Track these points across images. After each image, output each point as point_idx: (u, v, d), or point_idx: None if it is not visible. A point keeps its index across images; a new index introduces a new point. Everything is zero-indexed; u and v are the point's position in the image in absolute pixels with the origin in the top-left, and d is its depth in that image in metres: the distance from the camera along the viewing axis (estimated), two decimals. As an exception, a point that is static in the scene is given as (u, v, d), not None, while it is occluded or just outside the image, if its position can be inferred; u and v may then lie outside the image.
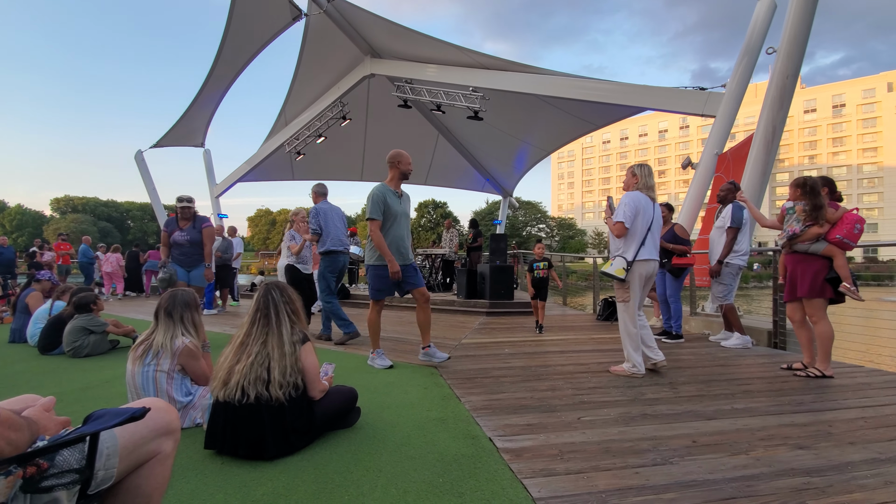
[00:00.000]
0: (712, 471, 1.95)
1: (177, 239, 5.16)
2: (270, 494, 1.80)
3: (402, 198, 4.00)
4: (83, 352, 4.51)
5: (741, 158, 6.32)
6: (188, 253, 5.22)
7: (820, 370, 3.55)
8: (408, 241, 4.03)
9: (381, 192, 3.86)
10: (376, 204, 3.81)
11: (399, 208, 3.93)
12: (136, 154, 12.88)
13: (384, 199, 3.83)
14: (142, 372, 2.37)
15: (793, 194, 3.76)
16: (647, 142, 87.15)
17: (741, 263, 4.89)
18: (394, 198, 3.90)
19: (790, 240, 3.72)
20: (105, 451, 0.94)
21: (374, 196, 3.83)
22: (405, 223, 4.00)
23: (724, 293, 4.93)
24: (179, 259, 5.20)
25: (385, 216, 3.84)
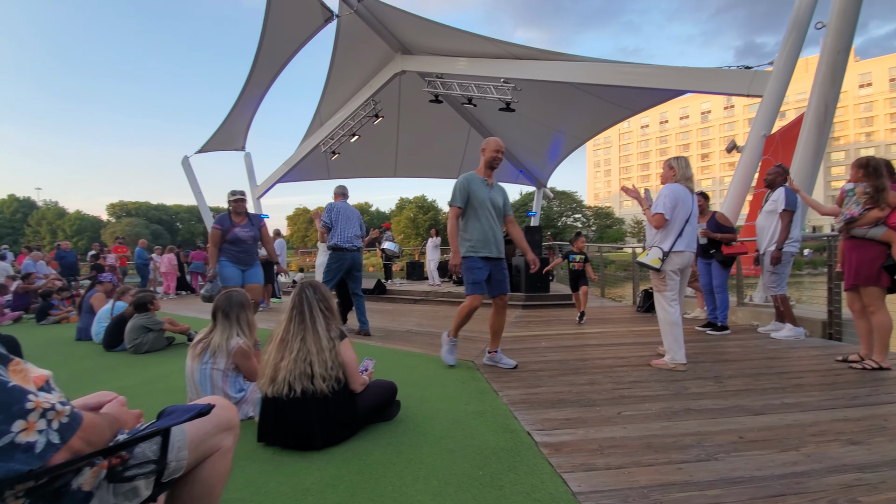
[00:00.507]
0: (760, 467, 1.90)
1: (239, 235, 4.84)
2: (319, 483, 1.90)
3: (491, 187, 3.74)
4: (143, 348, 4.84)
5: (791, 139, 5.97)
6: (248, 250, 4.96)
7: (877, 362, 3.37)
8: (499, 232, 3.73)
9: (465, 179, 3.68)
10: (457, 190, 3.64)
11: (485, 196, 3.66)
12: (183, 160, 13.55)
13: (466, 185, 3.63)
14: (200, 369, 2.54)
15: (854, 175, 3.57)
16: (689, 124, 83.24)
17: (793, 250, 4.64)
18: (480, 186, 3.67)
19: (847, 223, 3.51)
20: (176, 444, 1.04)
21: (456, 183, 3.67)
22: (495, 213, 3.71)
23: (777, 282, 4.70)
24: (238, 257, 4.89)
25: (470, 205, 3.64)
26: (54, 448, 0.82)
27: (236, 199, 4.97)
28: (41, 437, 0.80)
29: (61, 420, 0.84)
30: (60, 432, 0.83)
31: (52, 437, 0.82)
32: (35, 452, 0.79)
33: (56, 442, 0.82)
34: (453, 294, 8.92)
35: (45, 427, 0.81)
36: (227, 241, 4.82)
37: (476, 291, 3.64)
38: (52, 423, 0.82)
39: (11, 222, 56.62)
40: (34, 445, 0.79)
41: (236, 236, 4.84)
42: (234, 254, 4.86)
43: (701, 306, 6.17)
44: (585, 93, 9.99)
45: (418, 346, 4.69)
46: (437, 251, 11.45)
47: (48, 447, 0.81)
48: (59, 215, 57.98)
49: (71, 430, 0.85)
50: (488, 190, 3.70)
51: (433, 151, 15.21)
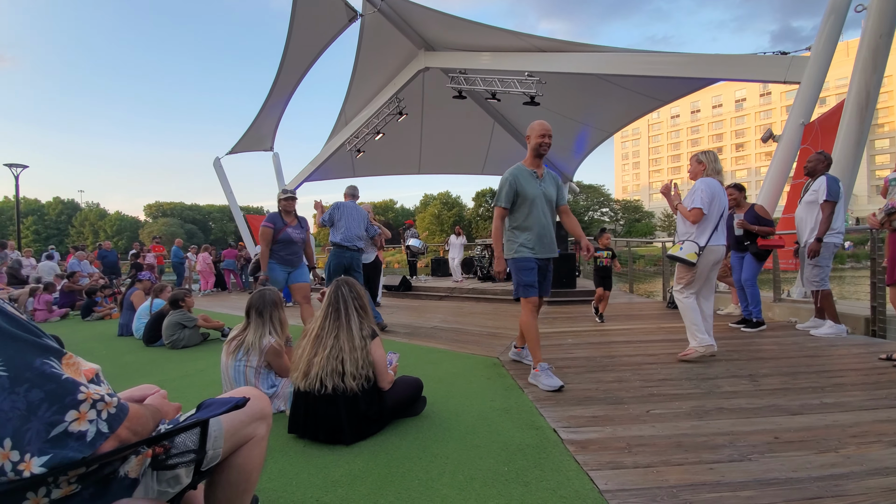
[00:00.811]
0: (796, 469, 1.84)
1: (292, 236, 4.62)
2: (348, 476, 1.95)
3: (541, 178, 3.34)
4: (180, 344, 5.05)
5: (832, 127, 5.68)
6: (297, 252, 4.76)
7: None
8: (551, 228, 3.38)
9: (510, 174, 3.30)
10: (503, 189, 3.29)
11: (536, 190, 3.28)
12: (215, 161, 13.96)
13: (514, 181, 3.26)
14: (234, 366, 2.64)
15: None
16: (723, 113, 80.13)
17: (836, 241, 4.42)
18: (529, 178, 3.29)
19: (889, 215, 3.35)
20: (213, 434, 1.10)
21: (502, 180, 3.32)
22: (547, 207, 3.34)
23: (821, 276, 4.47)
24: (287, 259, 4.67)
25: (519, 201, 3.27)
26: (103, 437, 0.87)
27: (287, 197, 4.71)
28: (91, 427, 0.85)
29: (109, 410, 0.89)
30: (109, 422, 0.88)
31: (102, 426, 0.87)
32: (86, 441, 0.84)
33: (105, 431, 0.88)
34: (478, 290, 8.93)
35: (94, 417, 0.86)
36: (277, 241, 4.58)
37: (529, 294, 3.32)
38: (102, 413, 0.88)
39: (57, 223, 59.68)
40: (85, 434, 0.84)
41: (289, 237, 4.62)
42: (282, 256, 4.64)
43: (735, 302, 5.97)
44: (612, 84, 9.77)
45: (444, 343, 4.72)
46: (462, 248, 11.45)
47: (98, 436, 0.86)
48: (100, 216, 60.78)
49: (118, 420, 0.90)
50: (539, 183, 3.32)
51: (457, 147, 15.19)
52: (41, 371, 0.82)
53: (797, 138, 5.93)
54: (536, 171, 3.35)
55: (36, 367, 0.82)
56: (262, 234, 4.56)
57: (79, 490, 0.92)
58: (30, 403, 0.79)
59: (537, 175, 3.34)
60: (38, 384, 0.81)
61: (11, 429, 0.77)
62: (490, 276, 10.54)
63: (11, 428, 0.77)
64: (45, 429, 0.80)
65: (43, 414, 0.80)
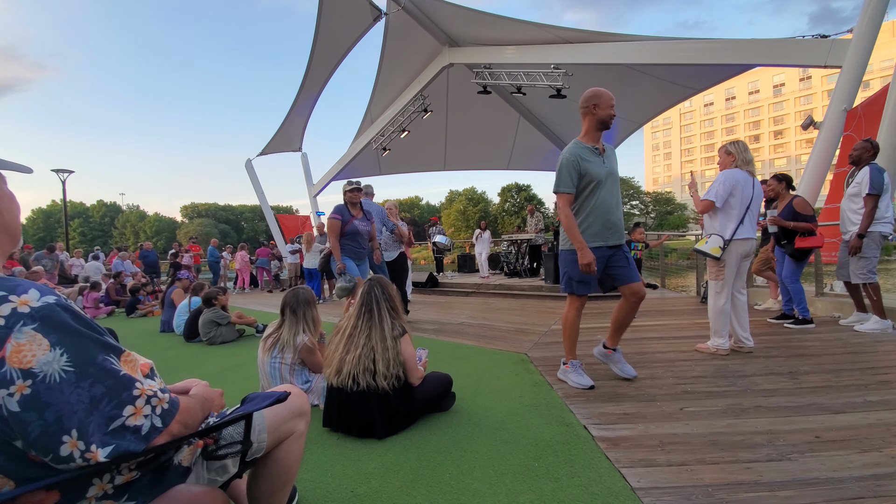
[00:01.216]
0: (837, 468, 1.78)
1: (359, 228, 4.54)
2: (380, 469, 2.00)
3: (604, 154, 2.92)
4: (217, 340, 5.26)
5: (876, 113, 5.38)
6: (364, 244, 4.67)
7: None
8: (618, 211, 2.95)
9: (570, 153, 2.86)
10: (564, 171, 2.87)
11: (601, 169, 2.86)
12: (246, 162, 14.39)
13: (576, 161, 2.84)
14: (269, 362, 2.75)
15: None
16: (760, 99, 76.63)
17: (884, 231, 4.18)
18: (592, 156, 2.87)
19: None
20: (257, 427, 1.18)
21: (561, 162, 2.90)
22: (613, 188, 2.92)
23: (868, 268, 4.24)
24: (356, 252, 4.59)
25: (582, 183, 2.87)
26: (157, 431, 0.94)
27: (352, 188, 4.58)
28: (146, 422, 0.92)
29: (163, 406, 0.96)
30: (162, 417, 0.95)
31: (156, 421, 0.94)
32: (141, 434, 0.91)
33: (159, 426, 0.94)
34: (505, 286, 8.90)
35: (149, 412, 0.93)
36: (345, 234, 4.50)
37: (581, 291, 2.94)
38: (156, 409, 0.94)
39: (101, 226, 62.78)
40: (140, 428, 0.91)
41: (356, 229, 4.53)
42: (351, 249, 4.55)
43: (774, 297, 5.76)
44: (642, 73, 9.52)
45: (471, 339, 4.74)
46: (488, 244, 11.43)
47: (152, 430, 0.93)
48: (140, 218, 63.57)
49: (171, 415, 0.97)
50: (602, 160, 2.90)
51: (482, 143, 15.14)
52: (102, 367, 0.88)
53: (839, 125, 5.64)
54: (597, 147, 2.92)
55: (98, 363, 0.88)
56: (331, 226, 4.53)
57: (138, 477, 0.99)
58: (92, 397, 0.85)
59: (599, 150, 2.92)
60: (100, 379, 0.87)
61: (77, 420, 0.83)
62: (517, 272, 10.49)
63: (77, 420, 0.83)
64: (106, 422, 0.86)
65: (104, 408, 0.86)
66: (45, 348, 0.82)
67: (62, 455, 0.82)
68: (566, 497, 1.71)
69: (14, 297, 0.84)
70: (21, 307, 0.83)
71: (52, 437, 0.81)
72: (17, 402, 0.80)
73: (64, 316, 0.86)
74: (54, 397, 0.82)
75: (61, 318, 0.86)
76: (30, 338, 0.82)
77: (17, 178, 14.13)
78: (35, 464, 0.84)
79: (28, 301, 0.84)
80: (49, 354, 0.83)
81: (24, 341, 0.81)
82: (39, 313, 0.84)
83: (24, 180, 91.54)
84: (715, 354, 3.61)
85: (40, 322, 0.83)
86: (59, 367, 0.83)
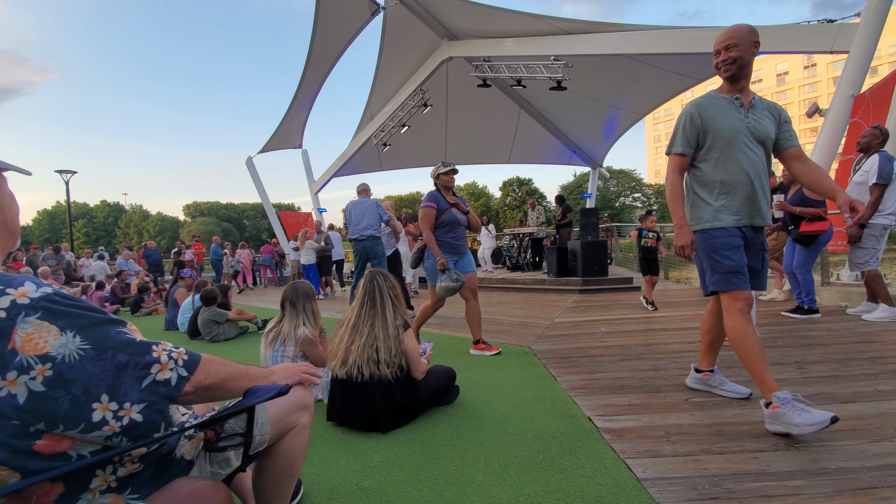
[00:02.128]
0: (847, 458, 1.76)
1: (459, 219, 3.89)
2: (385, 462, 2.00)
3: (750, 107, 2.23)
4: (220, 338, 5.28)
5: (885, 99, 5.31)
6: (462, 236, 4.00)
7: None
8: (764, 179, 2.24)
9: (695, 106, 2.29)
10: (679, 126, 2.33)
11: (737, 125, 2.20)
12: (247, 160, 14.36)
13: (699, 115, 2.26)
14: (272, 356, 2.75)
15: None
16: (762, 88, 75.86)
17: (886, 223, 4.15)
18: (727, 109, 2.24)
19: None
20: (260, 420, 1.19)
21: (680, 117, 2.34)
22: (758, 148, 2.23)
23: (866, 258, 4.24)
24: (453, 245, 3.89)
25: (709, 141, 2.25)
26: (184, 380, 1.01)
27: (448, 170, 3.93)
28: (173, 374, 0.99)
29: (183, 357, 1.03)
30: (186, 367, 1.02)
31: (181, 371, 1.01)
32: (172, 385, 0.98)
33: (185, 375, 1.01)
34: (507, 280, 8.88)
35: (174, 366, 1.00)
36: (440, 224, 3.84)
37: (737, 285, 2.20)
38: (178, 361, 1.02)
39: (105, 225, 63.02)
40: (170, 380, 0.98)
41: (454, 219, 3.87)
42: (447, 242, 3.87)
43: (779, 287, 5.73)
44: (643, 63, 9.43)
45: (475, 333, 4.72)
46: (492, 238, 11.41)
47: (180, 380, 1.00)
48: (143, 217, 63.79)
49: (194, 364, 1.04)
50: (743, 113, 2.23)
51: (482, 137, 15.07)
52: (118, 339, 0.94)
53: (846, 112, 5.57)
54: (740, 98, 2.25)
55: (113, 336, 0.93)
56: (424, 216, 3.85)
57: (141, 469, 1.00)
58: (118, 365, 0.91)
59: (741, 103, 2.24)
60: (120, 349, 0.93)
61: (106, 386, 0.89)
62: (519, 266, 10.44)
63: (106, 386, 0.89)
64: (137, 381, 0.93)
65: (132, 371, 0.93)
66: (55, 334, 0.86)
67: (94, 421, 0.88)
68: (571, 488, 1.70)
69: (11, 289, 0.85)
70: (20, 299, 0.85)
71: (82, 406, 0.86)
72: (40, 383, 0.83)
73: (64, 302, 0.89)
74: (77, 373, 0.87)
75: (62, 304, 0.89)
76: (36, 327, 0.84)
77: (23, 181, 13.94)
78: (39, 456, 0.85)
79: (26, 293, 0.86)
80: (62, 338, 0.86)
81: (32, 330, 0.84)
82: (40, 303, 0.86)
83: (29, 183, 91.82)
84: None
85: (43, 311, 0.86)
86: (75, 348, 0.87)
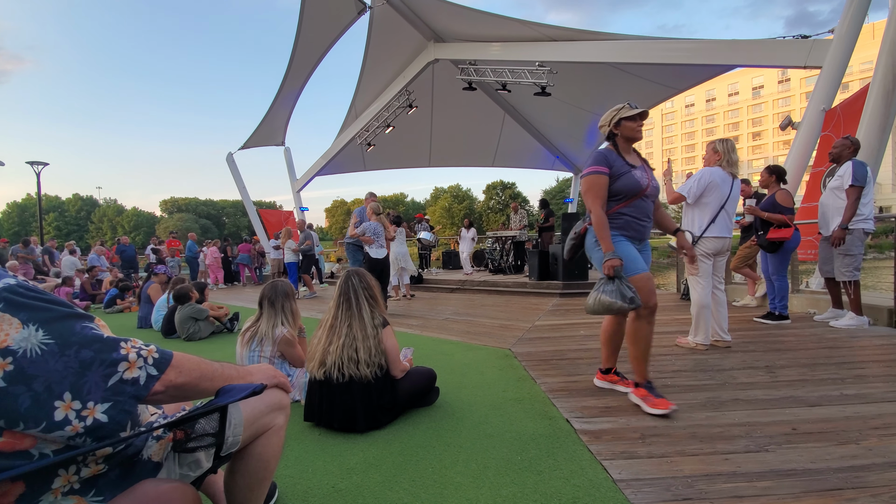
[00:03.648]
0: (815, 460, 1.81)
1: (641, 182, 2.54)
2: (362, 463, 1.97)
3: None
4: (196, 336, 5.15)
5: (855, 113, 5.51)
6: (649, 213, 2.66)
7: None
8: None
9: None
10: None
11: None
12: (228, 156, 14.09)
13: None
14: (248, 356, 2.69)
15: None
16: (739, 101, 78.16)
17: (867, 227, 4.24)
18: None
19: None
20: (233, 421, 1.15)
21: None
22: None
23: (853, 265, 4.26)
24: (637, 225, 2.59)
25: None
26: (154, 379, 0.97)
27: (636, 114, 2.55)
28: (142, 372, 0.95)
29: (153, 356, 0.99)
30: (156, 365, 0.98)
31: (150, 370, 0.97)
32: (140, 384, 0.94)
33: (154, 374, 0.97)
34: (489, 282, 8.91)
35: (142, 364, 0.96)
36: (616, 195, 2.55)
37: None
38: (147, 359, 0.98)
39: (77, 220, 61.03)
40: (138, 379, 0.94)
41: (636, 184, 2.53)
42: (628, 220, 2.56)
43: (751, 293, 5.88)
44: (625, 72, 9.61)
45: (455, 335, 4.73)
46: (471, 241, 11.44)
47: (149, 379, 0.96)
48: (118, 212, 61.97)
49: (164, 363, 1.00)
50: None
51: (467, 140, 15.12)
52: (84, 334, 0.90)
53: (818, 125, 5.77)
54: None
55: (78, 331, 0.90)
56: (591, 186, 2.55)
57: (105, 471, 0.96)
58: (82, 362, 0.88)
59: None
60: (85, 345, 0.89)
61: (69, 384, 0.85)
62: (501, 269, 10.49)
63: (69, 383, 0.85)
64: (103, 380, 0.89)
65: (97, 369, 0.89)
66: (16, 326, 0.83)
67: (56, 420, 0.84)
68: (548, 489, 1.71)
69: None
70: None
71: (43, 404, 0.83)
72: (0, 378, 0.80)
73: (28, 294, 0.86)
74: (39, 369, 0.83)
75: (25, 296, 0.86)
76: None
77: (-13, 170, 13.34)
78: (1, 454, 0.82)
79: None
80: (23, 331, 0.83)
81: None
82: (2, 294, 0.84)
83: None
84: (694, 349, 3.67)
85: (5, 303, 0.83)
86: (37, 342, 0.84)
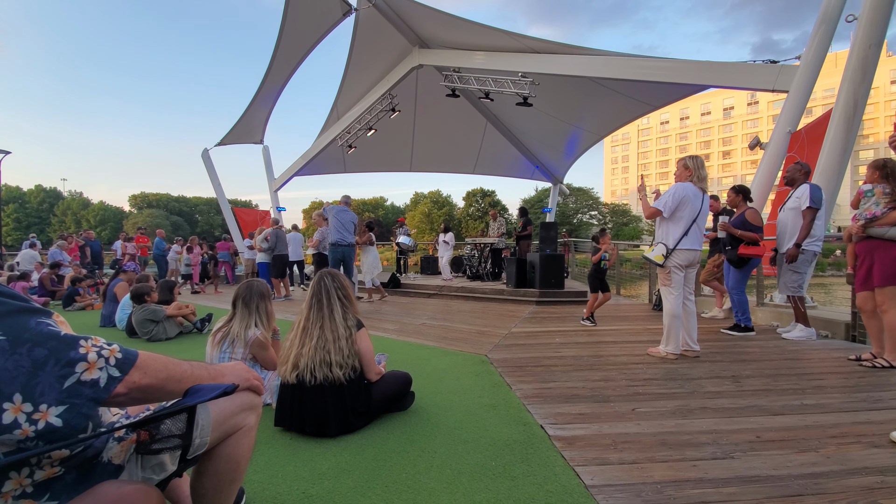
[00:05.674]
0: (777, 467, 1.87)
1: None
2: (334, 469, 1.93)
3: None
4: (160, 337, 4.96)
5: (818, 136, 5.79)
6: None
7: (888, 360, 3.43)
8: None
9: None
10: None
11: None
12: (203, 152, 13.74)
13: None
14: (219, 357, 2.61)
15: (870, 176, 3.67)
16: (711, 121, 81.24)
17: (816, 250, 4.52)
18: None
19: (868, 222, 3.49)
20: (201, 422, 1.09)
21: None
22: None
23: (798, 282, 4.55)
24: None
25: None
26: (116, 381, 0.90)
27: None
28: (102, 374, 0.89)
29: (116, 356, 0.92)
30: (118, 366, 0.92)
31: (112, 371, 0.91)
32: (100, 387, 0.88)
33: (116, 375, 0.91)
34: (466, 289, 8.93)
35: (103, 365, 0.90)
36: None
37: None
38: (109, 359, 0.91)
39: (39, 212, 58.30)
40: (98, 381, 0.88)
41: None
42: None
43: (719, 305, 6.07)
44: (604, 87, 9.85)
45: (432, 340, 4.71)
46: (450, 247, 11.45)
47: (110, 381, 0.90)
48: (83, 206, 59.51)
49: (128, 363, 0.94)
50: None
51: (449, 146, 15.18)
52: (39, 331, 0.84)
53: (784, 146, 6.03)
54: None
55: (32, 327, 0.84)
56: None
57: (61, 474, 0.91)
58: (34, 361, 0.82)
59: None
60: (39, 343, 0.83)
61: (20, 385, 0.80)
62: (479, 275, 10.54)
63: (19, 384, 0.80)
64: (58, 381, 0.83)
65: (51, 369, 0.83)
66: None
67: (4, 423, 0.79)
68: (522, 495, 1.71)
69: None
70: None
71: None
72: None
73: None
74: None
75: None
76: None
77: (-59, 156, 12.54)
78: None
79: None
80: None
81: None
82: None
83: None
84: (665, 358, 3.77)
85: None
86: None
